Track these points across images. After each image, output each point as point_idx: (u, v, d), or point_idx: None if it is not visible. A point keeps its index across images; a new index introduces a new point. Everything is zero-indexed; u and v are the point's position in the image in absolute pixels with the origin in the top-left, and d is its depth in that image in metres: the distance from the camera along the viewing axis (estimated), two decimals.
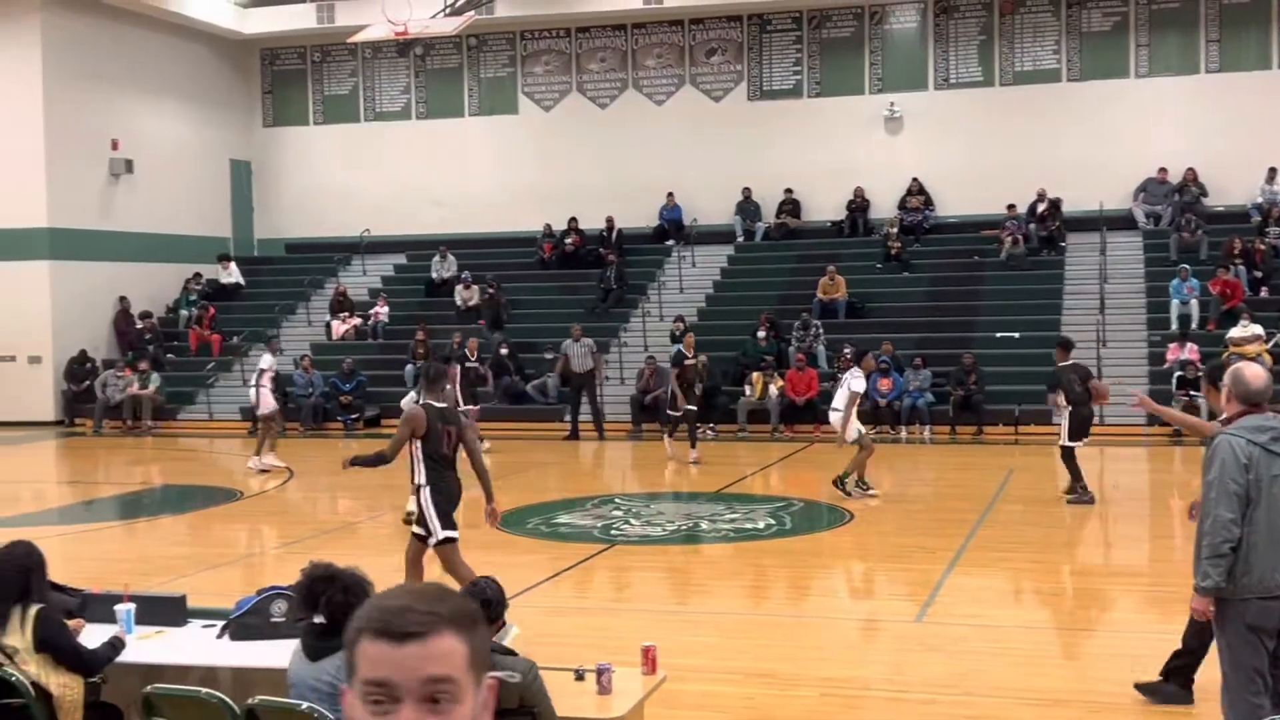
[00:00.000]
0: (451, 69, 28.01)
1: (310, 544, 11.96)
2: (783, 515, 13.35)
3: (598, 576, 10.98)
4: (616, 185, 26.39)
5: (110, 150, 25.22)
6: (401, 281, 26.65)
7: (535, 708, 4.72)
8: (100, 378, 23.29)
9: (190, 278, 26.50)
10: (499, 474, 16.55)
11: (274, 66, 29.00)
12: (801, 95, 26.39)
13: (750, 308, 22.97)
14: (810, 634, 8.93)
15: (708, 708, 7.02)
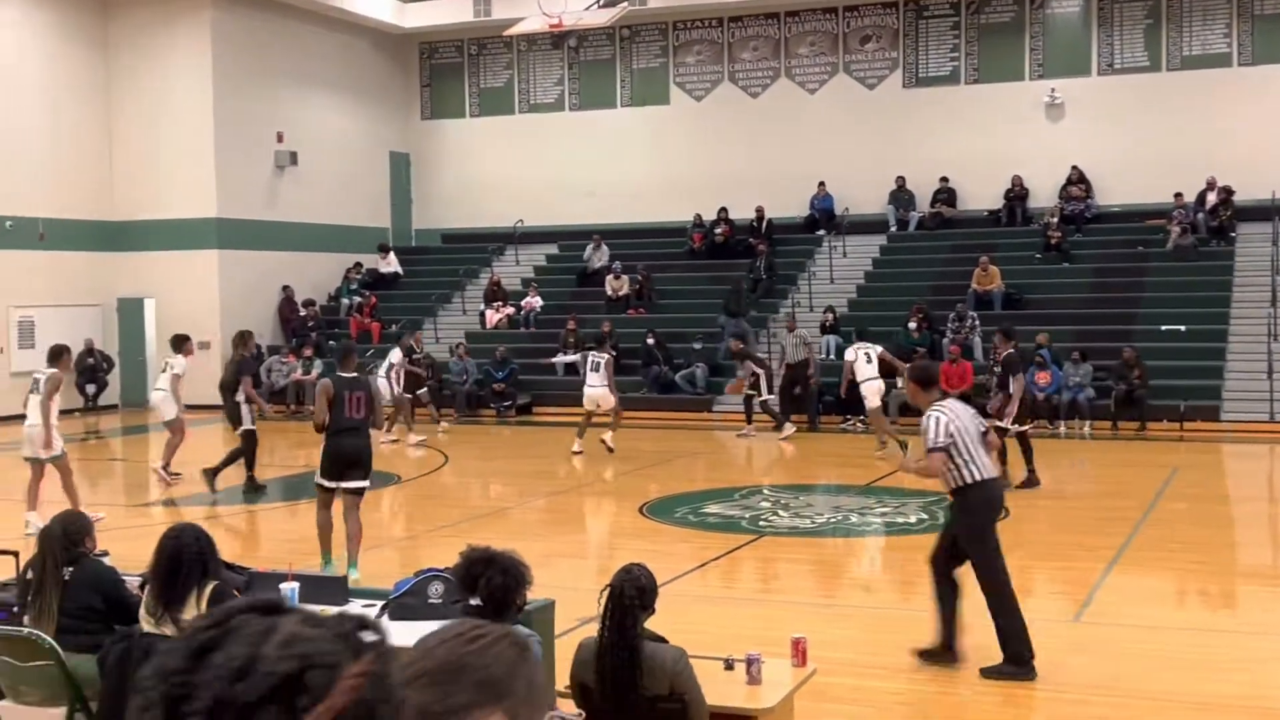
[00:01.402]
0: (604, 60, 28.21)
1: (463, 528, 12.20)
2: (935, 509, 13.12)
3: (745, 567, 10.96)
4: (767, 175, 26.27)
5: (276, 143, 26.06)
6: (553, 271, 26.96)
7: (685, 695, 4.74)
8: (265, 363, 24.08)
9: (351, 267, 27.23)
10: (647, 462, 16.65)
11: (432, 60, 29.60)
12: (959, 82, 25.89)
13: (902, 298, 22.64)
14: (963, 631, 8.76)
15: (858, 702, 6.95)
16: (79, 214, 24.49)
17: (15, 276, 22.90)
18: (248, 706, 1.04)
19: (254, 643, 1.07)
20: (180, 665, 1.07)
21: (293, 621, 1.11)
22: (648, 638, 4.82)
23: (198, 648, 1.08)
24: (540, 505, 14.15)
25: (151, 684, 1.08)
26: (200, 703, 1.04)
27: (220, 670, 1.05)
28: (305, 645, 1.07)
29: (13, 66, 23.27)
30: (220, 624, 1.10)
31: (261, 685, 1.05)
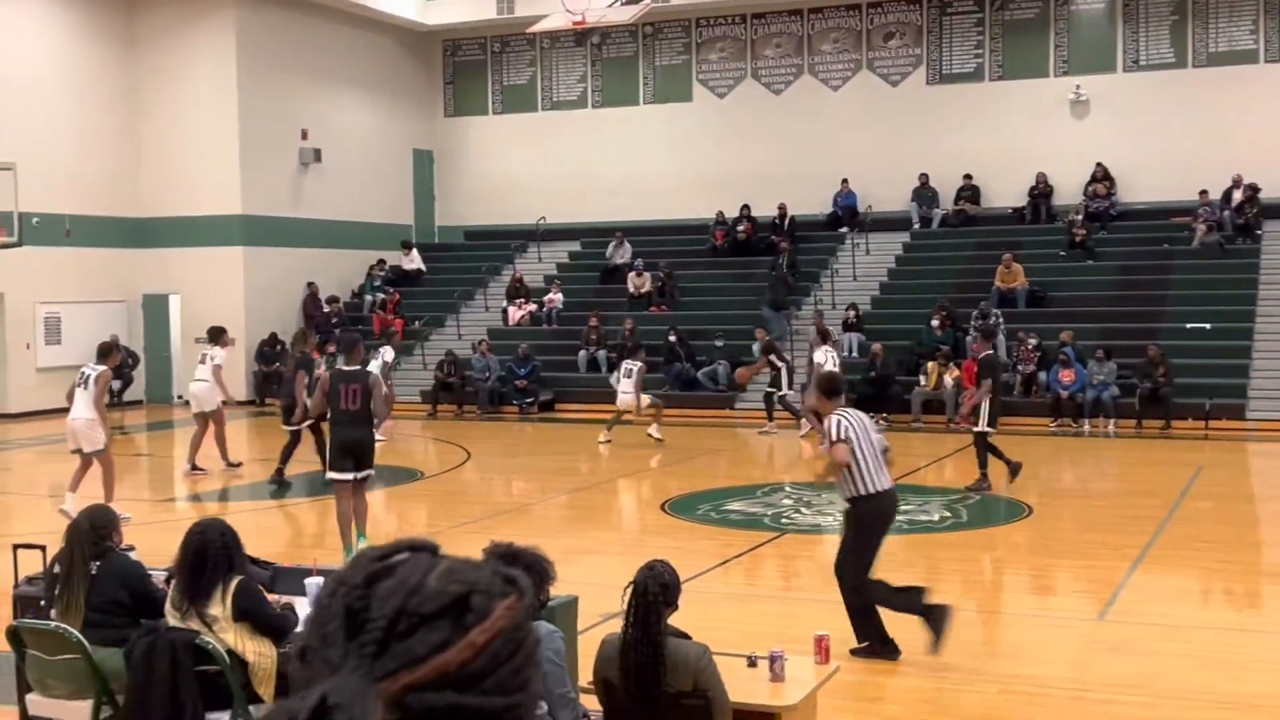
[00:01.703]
0: (627, 57, 28.21)
1: (486, 524, 12.22)
2: (958, 508, 13.10)
3: (768, 564, 10.95)
4: (790, 172, 26.23)
5: (300, 140, 26.15)
6: (576, 268, 26.98)
7: (708, 691, 4.74)
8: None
9: (374, 264, 27.31)
10: (669, 459, 16.64)
11: (455, 57, 29.65)
12: (983, 79, 25.80)
13: (926, 296, 22.57)
14: (986, 629, 8.75)
15: (882, 700, 6.94)
16: (105, 211, 24.63)
17: (42, 273, 23.05)
18: (423, 618, 1.19)
19: (422, 572, 1.22)
20: (359, 583, 1.21)
21: (451, 560, 1.26)
22: (671, 634, 4.83)
23: (370, 574, 1.22)
24: (562, 502, 14.17)
25: (330, 599, 1.22)
26: (382, 612, 1.19)
27: (398, 590, 1.20)
28: (469, 575, 1.23)
29: (40, 64, 23.42)
30: (387, 557, 1.24)
31: (435, 602, 1.19)
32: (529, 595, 1.30)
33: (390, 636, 1.19)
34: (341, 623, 1.21)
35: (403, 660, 1.18)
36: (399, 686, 1.17)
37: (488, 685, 1.21)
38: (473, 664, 1.20)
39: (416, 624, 1.19)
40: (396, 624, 1.19)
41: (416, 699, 1.17)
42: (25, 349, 23.34)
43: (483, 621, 1.21)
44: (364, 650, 1.18)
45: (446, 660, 1.19)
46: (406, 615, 1.19)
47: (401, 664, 1.18)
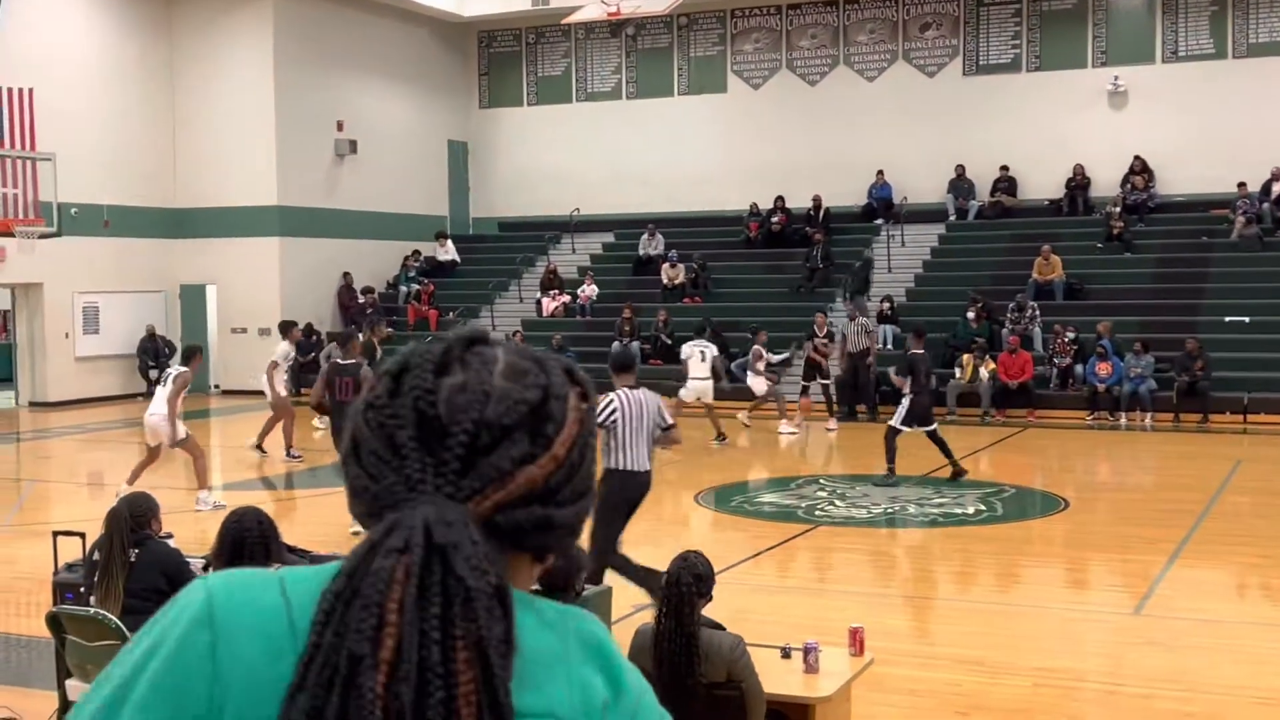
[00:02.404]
0: (662, 49, 28.17)
1: None
2: (993, 501, 13.04)
3: (801, 556, 10.94)
4: (825, 163, 26.14)
5: (336, 132, 26.26)
6: (610, 260, 26.99)
7: (742, 682, 4.74)
8: (324, 349, 24.29)
9: (409, 255, 27.41)
10: (702, 451, 16.60)
11: (490, 49, 29.70)
12: (1020, 69, 25.61)
13: (961, 288, 22.44)
14: (1021, 622, 8.71)
15: (916, 693, 6.92)
16: (143, 201, 24.82)
17: (80, 263, 23.27)
18: (505, 429, 1.13)
19: (486, 370, 1.16)
20: (428, 384, 1.14)
21: (504, 352, 1.20)
22: (705, 625, 4.83)
23: (435, 368, 1.16)
24: (595, 493, 14.19)
25: (390, 402, 1.15)
26: (460, 424, 1.12)
27: (473, 395, 1.14)
28: (537, 374, 1.18)
29: (79, 57, 23.62)
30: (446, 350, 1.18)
31: (515, 411, 1.14)
32: (589, 385, 1.26)
33: (474, 451, 1.13)
34: (415, 431, 1.13)
35: (489, 477, 1.13)
36: (488, 506, 1.13)
37: (567, 493, 1.18)
38: (556, 474, 1.17)
39: (499, 436, 1.14)
40: (478, 437, 1.13)
41: (505, 517, 1.13)
42: (64, 338, 23.57)
43: (561, 430, 1.18)
44: (446, 467, 1.12)
45: (533, 475, 1.15)
46: (488, 427, 1.13)
47: (487, 481, 1.13)
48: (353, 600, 1.06)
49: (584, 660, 1.17)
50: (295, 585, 1.15)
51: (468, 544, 1.07)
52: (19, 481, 15.89)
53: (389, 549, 1.07)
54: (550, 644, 1.16)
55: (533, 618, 1.15)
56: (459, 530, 1.08)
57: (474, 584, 1.06)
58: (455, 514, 1.09)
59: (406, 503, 1.10)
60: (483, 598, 1.06)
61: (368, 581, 1.06)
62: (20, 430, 20.66)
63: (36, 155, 21.23)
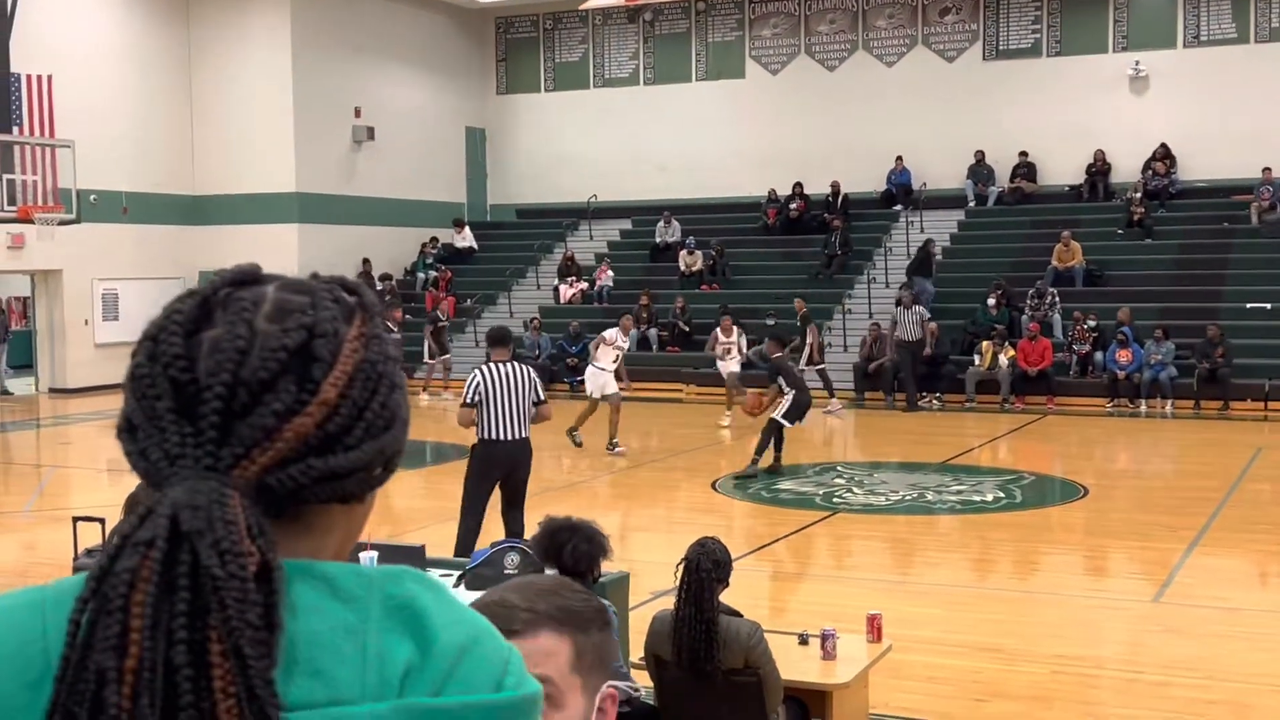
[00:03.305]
0: (679, 34, 28.09)
1: (536, 500, 12.24)
2: (1012, 488, 13.00)
3: (819, 544, 10.92)
4: (843, 149, 26.05)
5: (353, 118, 26.28)
6: (627, 246, 26.96)
7: (759, 669, 4.73)
8: None
9: (427, 241, 27.42)
10: (719, 438, 16.57)
11: (508, 35, 29.66)
12: (1040, 54, 25.46)
13: (981, 275, 22.36)
14: (1040, 610, 8.68)
15: (934, 679, 6.90)
16: (161, 188, 24.89)
17: (99, 250, 23.35)
18: (263, 384, 1.03)
19: (246, 316, 1.06)
20: (179, 349, 1.04)
21: (275, 289, 1.10)
22: (723, 611, 4.82)
23: (188, 325, 1.06)
24: (612, 479, 14.20)
25: (149, 370, 1.05)
26: (212, 387, 1.02)
27: (226, 352, 1.03)
28: (304, 316, 1.07)
29: (97, 43, 23.67)
30: (204, 300, 1.08)
31: (272, 362, 1.04)
32: (374, 313, 1.13)
33: (230, 415, 1.02)
34: (172, 401, 1.03)
35: (251, 440, 1.02)
36: (254, 470, 1.02)
37: (355, 435, 1.06)
38: (333, 419, 1.05)
39: (257, 392, 1.03)
40: (234, 398, 1.02)
41: (277, 477, 1.03)
42: (84, 325, 23.67)
43: (332, 369, 1.06)
44: (202, 438, 1.01)
45: (301, 426, 1.03)
46: (243, 385, 1.03)
47: (251, 444, 1.02)
48: (100, 605, 0.97)
49: (386, 628, 1.04)
50: (56, 604, 1.04)
51: (218, 526, 0.98)
52: (39, 468, 15.98)
53: (135, 543, 0.98)
54: (340, 618, 1.04)
55: (319, 592, 1.04)
56: (206, 512, 0.98)
57: (220, 571, 0.96)
58: (206, 493, 0.99)
59: (169, 481, 1.02)
60: (233, 585, 0.96)
61: (109, 584, 0.97)
62: (40, 416, 20.78)
63: (55, 142, 21.29)
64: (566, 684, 1.52)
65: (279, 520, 1.04)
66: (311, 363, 1.05)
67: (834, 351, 21.75)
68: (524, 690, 1.09)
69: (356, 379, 1.07)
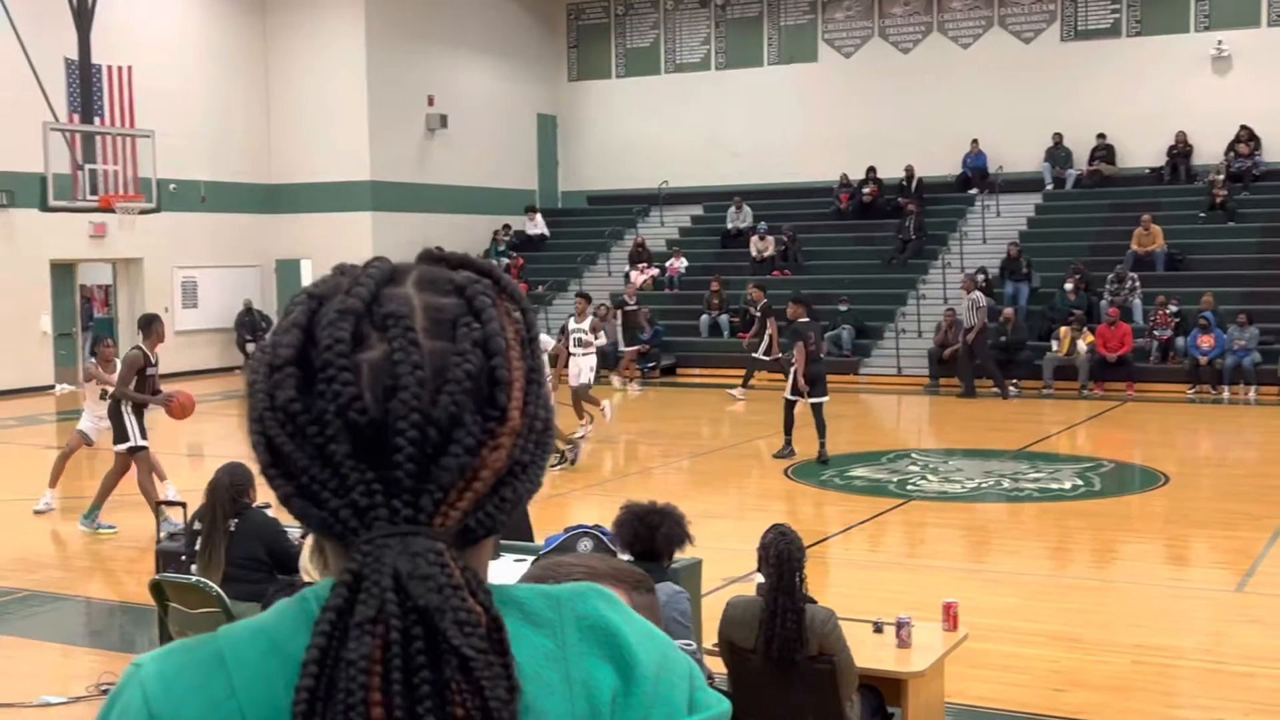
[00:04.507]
0: (751, 18, 27.94)
1: (610, 487, 12.30)
2: (1091, 476, 12.80)
3: (892, 531, 10.84)
4: (918, 133, 25.77)
5: (427, 106, 26.46)
6: (698, 232, 26.90)
7: (834, 656, 4.70)
8: None
9: (499, 229, 27.56)
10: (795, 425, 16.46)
11: (579, 21, 29.68)
12: (1119, 35, 25.00)
13: (1058, 259, 22.03)
14: (1120, 599, 8.54)
15: (1011, 669, 6.82)
16: (239, 177, 25.25)
17: (179, 238, 23.73)
18: (452, 419, 0.94)
19: (411, 335, 0.96)
20: (354, 388, 0.94)
21: (415, 288, 1.00)
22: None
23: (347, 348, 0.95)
24: (685, 466, 14.19)
25: (304, 405, 0.95)
26: (408, 432, 0.93)
27: (409, 387, 0.94)
28: (472, 331, 0.97)
29: (175, 34, 24.04)
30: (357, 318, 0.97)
31: (460, 394, 0.95)
32: (516, 291, 1.05)
33: (425, 458, 0.93)
34: (349, 446, 0.94)
35: (448, 483, 0.94)
36: (456, 516, 0.95)
37: (532, 451, 1.00)
38: (519, 444, 0.98)
39: (447, 429, 0.94)
40: (425, 440, 0.93)
41: (477, 519, 0.96)
42: (164, 312, 24.02)
43: (512, 389, 0.97)
44: (399, 486, 0.93)
45: (496, 461, 0.96)
46: (434, 424, 0.94)
47: (448, 488, 0.94)
48: (331, 697, 0.89)
49: (585, 652, 1.00)
50: (237, 661, 0.97)
51: (451, 598, 0.90)
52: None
53: (361, 623, 0.90)
54: (542, 647, 0.99)
55: (513, 619, 0.98)
56: (437, 580, 0.91)
57: (470, 651, 0.90)
58: (427, 556, 0.91)
59: (361, 537, 0.93)
60: (481, 661, 0.90)
61: (344, 675, 0.89)
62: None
63: (136, 132, 21.65)
64: None
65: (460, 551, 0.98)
66: (494, 386, 0.96)
67: (908, 337, 21.57)
68: (714, 709, 1.08)
69: (529, 391, 1.00)
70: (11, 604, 8.75)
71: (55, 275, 22.43)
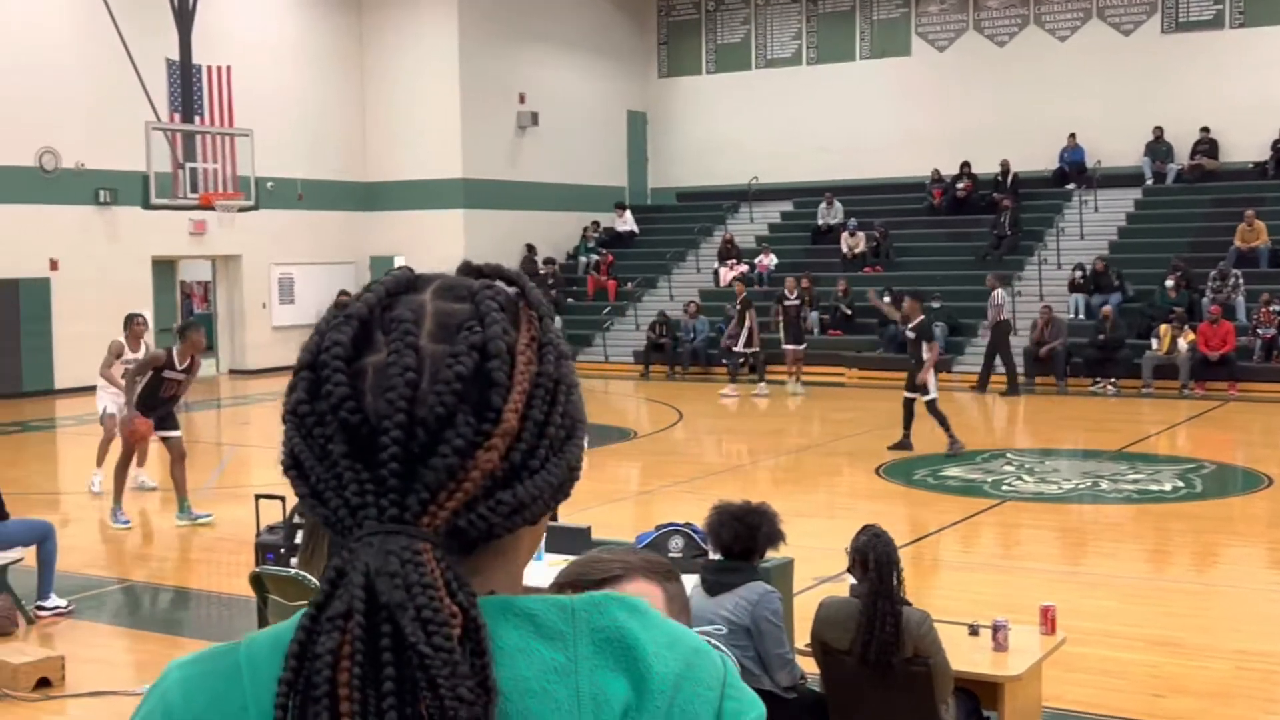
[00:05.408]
0: (843, 12, 27.71)
1: (697, 484, 12.27)
2: (1192, 478, 12.51)
3: (987, 532, 10.68)
4: (1013, 127, 25.38)
5: (518, 104, 26.63)
6: (787, 229, 26.76)
7: (929, 658, 4.65)
8: None
9: (589, 225, 27.66)
10: (882, 423, 16.35)
11: (670, 18, 29.67)
12: (1222, 26, 24.39)
13: (1159, 255, 21.56)
14: (1222, 604, 8.34)
15: (1109, 673, 6.69)
16: (334, 175, 25.63)
17: (276, 235, 24.16)
18: (441, 419, 0.96)
19: (410, 339, 0.98)
20: (346, 389, 0.97)
21: (433, 296, 1.02)
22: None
23: (349, 353, 0.99)
24: (773, 464, 14.12)
25: (312, 407, 0.98)
26: (391, 431, 0.95)
27: (397, 387, 0.96)
28: (472, 334, 0.98)
29: (273, 34, 24.47)
30: (363, 323, 1.00)
31: (448, 395, 0.96)
32: (539, 301, 1.05)
33: (410, 458, 0.95)
34: (345, 445, 0.97)
35: (435, 484, 0.95)
36: (444, 516, 0.96)
37: (539, 456, 1.00)
38: (517, 446, 0.98)
39: (436, 430, 0.95)
40: (412, 439, 0.95)
41: (468, 520, 0.97)
42: (261, 308, 24.54)
43: (510, 392, 0.98)
44: (384, 486, 0.95)
45: (488, 462, 0.96)
46: (420, 424, 0.95)
47: (436, 488, 0.95)
48: (306, 690, 0.92)
49: (599, 665, 0.99)
50: (254, 671, 1.00)
51: (417, 594, 0.92)
52: (220, 446, 16.63)
53: (332, 618, 0.92)
54: (548, 660, 0.98)
55: (522, 631, 0.98)
56: (403, 579, 0.92)
57: (426, 648, 0.90)
58: (399, 553, 0.93)
59: (354, 535, 0.96)
60: (440, 659, 0.90)
61: (313, 667, 0.92)
62: (221, 397, 21.63)
63: (235, 131, 22.07)
64: None
65: (470, 555, 0.99)
66: (489, 389, 0.97)
67: None
68: (746, 716, 1.04)
69: (535, 396, 1.00)
70: (111, 594, 8.97)
71: (156, 271, 22.97)
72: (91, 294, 20.81)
